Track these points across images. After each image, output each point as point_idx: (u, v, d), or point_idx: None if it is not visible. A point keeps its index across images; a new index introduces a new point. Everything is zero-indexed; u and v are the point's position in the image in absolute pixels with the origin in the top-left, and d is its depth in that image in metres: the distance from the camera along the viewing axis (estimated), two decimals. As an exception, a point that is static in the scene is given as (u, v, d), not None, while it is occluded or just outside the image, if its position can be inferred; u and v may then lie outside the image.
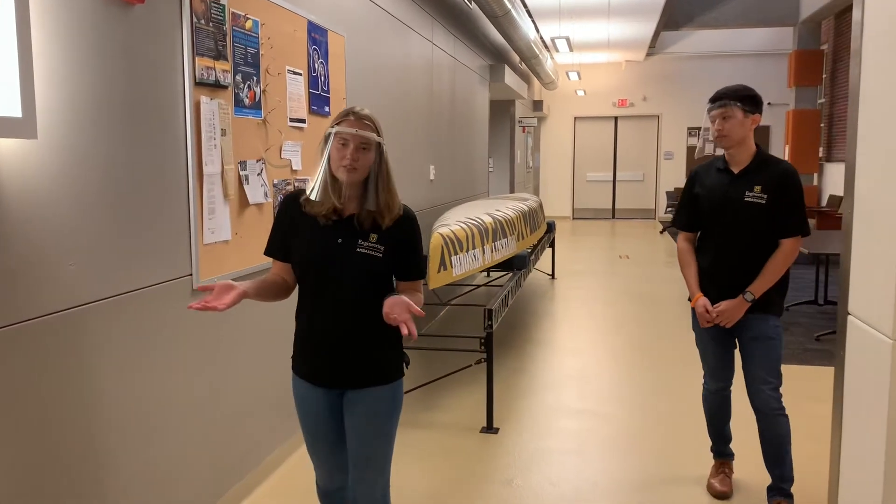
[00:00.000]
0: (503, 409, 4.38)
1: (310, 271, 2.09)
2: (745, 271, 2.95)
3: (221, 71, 2.96)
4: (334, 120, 2.09)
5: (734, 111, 2.94)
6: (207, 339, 2.96)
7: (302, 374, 2.18)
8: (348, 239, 2.08)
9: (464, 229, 4.58)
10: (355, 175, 2.04)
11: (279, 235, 2.17)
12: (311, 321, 2.12)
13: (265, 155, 3.35)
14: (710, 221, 3.06)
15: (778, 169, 2.95)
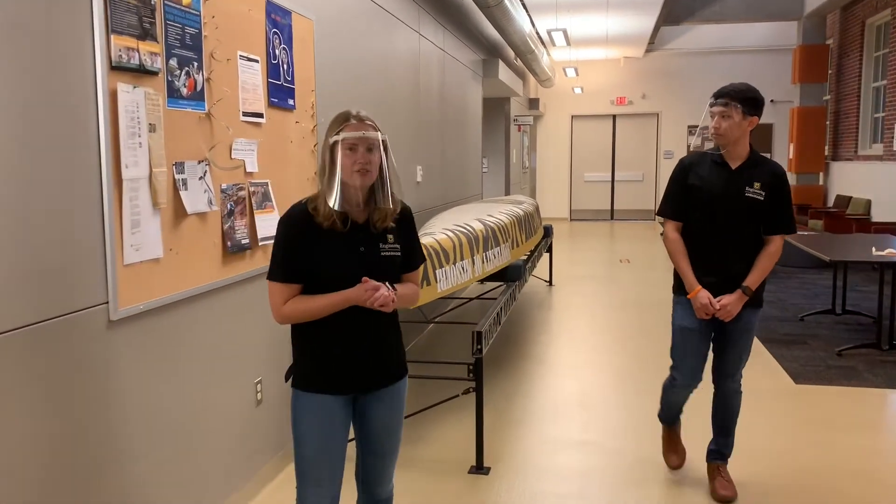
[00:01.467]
0: (495, 443, 3.86)
1: (339, 285, 2.05)
2: (737, 263, 3.05)
3: (148, 53, 2.43)
4: (334, 127, 2.09)
5: (734, 111, 3.02)
6: (131, 380, 2.44)
7: (323, 387, 2.12)
8: (369, 245, 2.11)
9: (450, 238, 4.06)
10: (369, 178, 2.06)
11: (293, 256, 2.07)
12: (337, 332, 2.10)
13: (210, 155, 2.83)
14: (707, 213, 3.08)
15: (772, 169, 3.08)
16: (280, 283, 2.08)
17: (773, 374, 5.04)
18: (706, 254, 3.10)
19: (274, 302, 2.09)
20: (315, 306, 2.06)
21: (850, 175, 11.85)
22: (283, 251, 2.08)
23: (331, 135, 2.08)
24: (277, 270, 2.08)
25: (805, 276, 9.05)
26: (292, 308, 2.07)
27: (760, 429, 4.05)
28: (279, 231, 2.10)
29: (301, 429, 2.13)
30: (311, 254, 2.06)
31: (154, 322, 2.53)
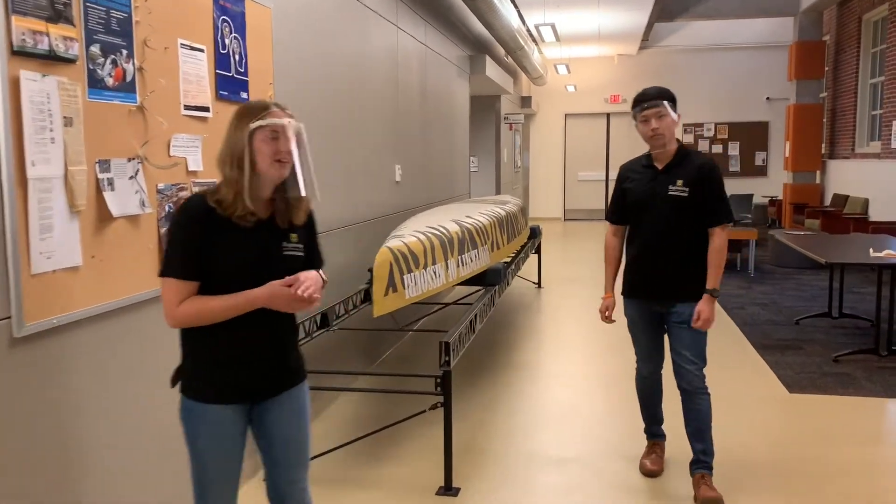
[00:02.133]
0: (467, 461, 3.61)
1: (244, 282, 1.91)
2: (669, 259, 3.16)
3: (61, 38, 2.18)
4: (251, 115, 1.93)
5: (667, 110, 3.09)
6: (40, 405, 2.18)
7: (219, 397, 1.96)
8: (273, 241, 1.99)
9: (421, 241, 3.80)
10: (286, 169, 1.95)
11: (192, 252, 1.90)
12: (235, 335, 1.95)
13: (143, 152, 2.57)
14: (637, 214, 3.25)
15: (698, 163, 3.15)
16: (176, 280, 1.90)
17: (765, 382, 4.79)
18: (641, 251, 3.24)
19: (168, 301, 1.90)
20: (215, 307, 1.89)
21: (848, 173, 11.62)
22: (181, 246, 1.91)
23: (246, 123, 1.92)
24: (173, 266, 1.90)
25: (801, 278, 8.80)
26: (189, 309, 1.89)
27: (751, 442, 3.80)
28: (175, 224, 1.94)
29: (200, 446, 1.98)
30: (211, 249, 1.91)
31: (72, 338, 2.28)
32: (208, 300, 1.90)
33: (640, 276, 3.25)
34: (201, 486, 2.01)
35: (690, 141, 15.99)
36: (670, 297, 3.19)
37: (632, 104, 3.20)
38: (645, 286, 3.24)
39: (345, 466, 3.54)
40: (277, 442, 2.08)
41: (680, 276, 3.16)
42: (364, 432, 3.77)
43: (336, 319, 4.10)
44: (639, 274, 3.26)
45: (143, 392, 2.64)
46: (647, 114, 3.09)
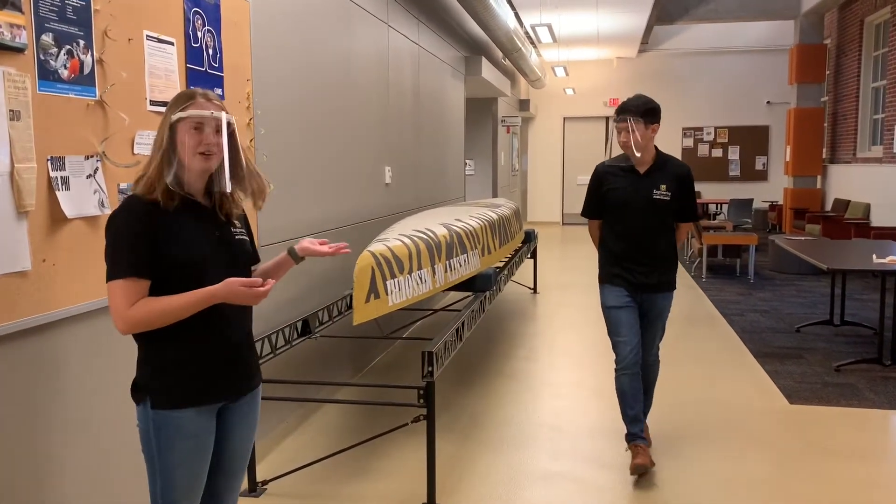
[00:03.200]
0: (453, 475, 3.45)
1: (199, 274, 1.83)
2: (651, 250, 3.48)
3: (6, 25, 2.02)
4: (177, 105, 1.86)
5: (637, 125, 3.36)
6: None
7: (193, 400, 1.86)
8: (222, 230, 1.94)
9: (406, 245, 3.65)
10: (212, 161, 1.87)
11: (143, 250, 1.78)
12: (207, 335, 1.87)
13: (102, 149, 2.42)
14: (621, 213, 3.48)
15: (677, 170, 3.48)
16: (125, 281, 1.75)
17: (765, 393, 4.63)
18: (627, 245, 3.48)
19: (117, 306, 1.76)
20: (174, 305, 1.77)
21: (849, 178, 11.47)
22: (128, 242, 1.77)
23: (172, 112, 1.85)
24: (122, 266, 1.76)
25: (801, 284, 8.64)
26: (142, 311, 1.76)
27: (749, 456, 3.64)
28: (116, 224, 1.80)
29: (171, 460, 1.85)
30: (161, 241, 1.80)
31: (19, 348, 2.12)
32: (164, 299, 1.78)
33: (624, 269, 3.49)
34: (168, 496, 1.88)
35: (690, 145, 15.86)
36: (651, 289, 3.49)
37: (615, 111, 3.53)
38: (628, 278, 3.48)
39: (324, 480, 3.37)
40: (230, 448, 2.01)
41: (661, 270, 3.49)
42: (345, 445, 3.61)
43: (318, 326, 3.95)
44: (621, 266, 3.50)
45: (101, 405, 2.48)
46: (618, 127, 3.45)
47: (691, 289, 8.39)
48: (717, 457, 3.65)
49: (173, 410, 1.84)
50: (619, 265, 3.49)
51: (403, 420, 3.48)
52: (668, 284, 3.52)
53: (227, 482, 2.04)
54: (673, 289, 3.54)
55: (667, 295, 3.53)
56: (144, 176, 1.83)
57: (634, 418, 3.47)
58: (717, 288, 8.40)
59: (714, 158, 15.86)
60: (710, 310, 7.18)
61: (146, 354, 1.87)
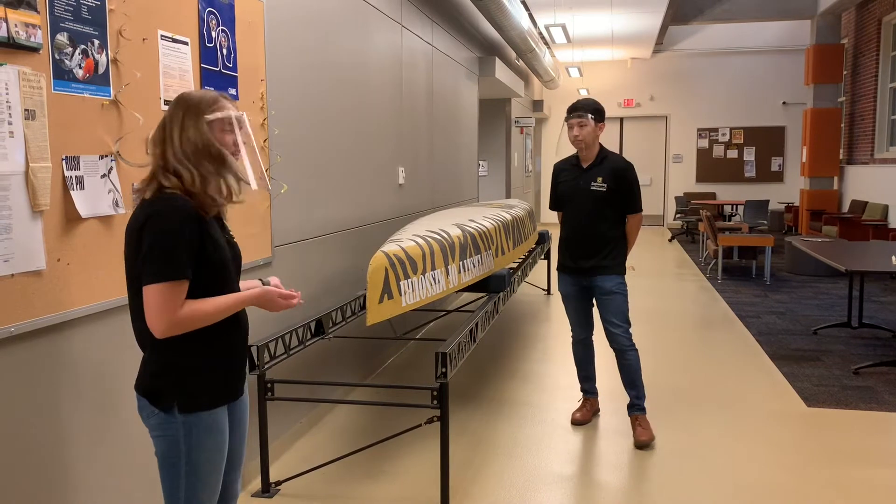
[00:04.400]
0: (466, 477, 3.43)
1: (228, 276, 1.90)
2: (590, 237, 3.87)
3: (22, 25, 2.03)
4: (202, 105, 1.86)
5: (588, 121, 3.79)
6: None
7: (224, 397, 1.92)
8: (227, 233, 1.99)
9: (419, 246, 3.63)
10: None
11: (191, 251, 1.80)
12: (234, 331, 1.94)
13: (117, 149, 2.42)
14: (567, 204, 3.98)
15: (615, 165, 3.87)
16: (178, 283, 1.77)
17: (781, 396, 4.58)
18: (571, 232, 3.95)
19: (168, 307, 1.75)
20: (218, 308, 1.83)
21: (866, 179, 11.35)
22: (184, 245, 1.77)
23: (203, 114, 1.85)
24: (176, 267, 1.76)
25: (819, 286, 8.55)
26: (190, 313, 1.79)
27: (765, 459, 3.59)
28: (170, 224, 1.76)
29: (202, 457, 1.88)
30: (205, 246, 1.84)
31: (34, 347, 2.12)
32: (207, 302, 1.82)
33: (569, 255, 3.96)
34: (195, 498, 1.89)
35: (705, 146, 15.75)
36: (594, 273, 3.87)
37: (566, 111, 3.89)
38: (573, 263, 3.94)
39: (337, 481, 3.36)
40: (235, 442, 2.07)
41: (601, 255, 3.86)
42: (358, 446, 3.61)
43: (332, 327, 3.94)
44: (568, 253, 3.97)
45: (116, 404, 2.48)
46: (570, 122, 3.83)
47: (707, 291, 8.32)
48: (733, 461, 3.61)
49: (204, 412, 1.86)
50: (567, 252, 3.98)
51: (417, 421, 3.46)
52: (607, 268, 3.87)
53: (231, 475, 2.10)
54: (616, 273, 3.88)
55: (610, 278, 3.86)
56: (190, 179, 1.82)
57: (585, 377, 4.20)
58: (732, 290, 8.33)
59: (729, 159, 15.75)
60: (725, 312, 7.12)
61: (168, 360, 1.85)
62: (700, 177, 15.90)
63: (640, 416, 3.92)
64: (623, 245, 3.93)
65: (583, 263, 3.89)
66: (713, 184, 15.90)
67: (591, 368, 4.19)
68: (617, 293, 3.86)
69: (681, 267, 10.22)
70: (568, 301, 4.05)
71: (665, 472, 3.48)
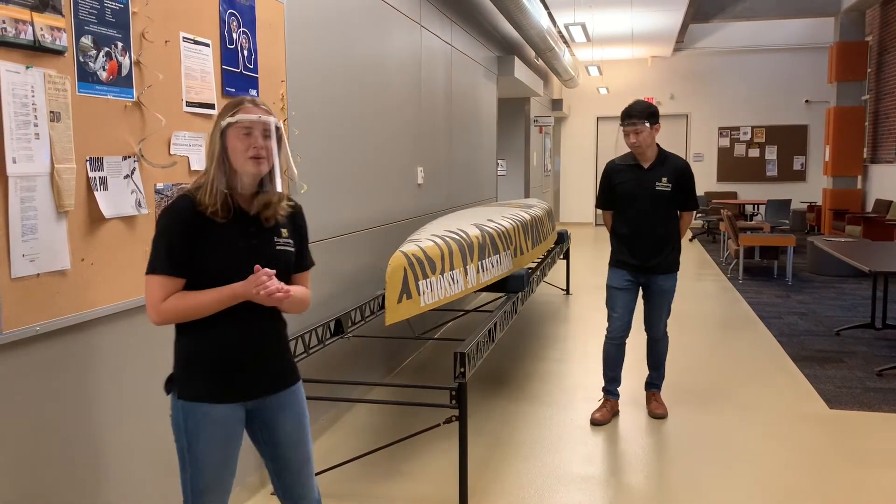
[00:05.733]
0: (486, 477, 3.43)
1: (228, 278, 1.89)
2: (654, 236, 3.99)
3: (48, 28, 2.06)
4: (226, 111, 1.93)
5: (643, 127, 3.87)
6: (22, 416, 2.06)
7: (216, 395, 1.93)
8: (262, 238, 1.98)
9: (438, 246, 3.64)
10: (264, 166, 1.92)
11: (178, 248, 1.88)
12: (229, 332, 1.93)
13: (139, 150, 2.45)
14: (628, 204, 4.02)
15: (677, 164, 4.00)
16: (161, 277, 1.87)
17: (803, 397, 4.54)
18: (632, 232, 4.01)
19: (152, 298, 1.88)
20: (199, 302, 1.87)
21: (891, 178, 11.20)
22: (167, 242, 1.88)
23: (223, 118, 1.93)
24: (160, 262, 1.88)
25: (842, 286, 8.46)
26: (173, 305, 1.87)
27: (787, 462, 3.56)
28: (161, 222, 1.91)
29: (199, 448, 1.93)
30: (198, 245, 1.89)
31: (59, 346, 2.15)
32: (192, 295, 1.88)
33: (630, 254, 4.03)
34: (195, 493, 1.96)
35: (726, 144, 15.62)
36: (656, 271, 4.01)
37: (620, 116, 3.98)
38: (634, 261, 4.02)
39: (356, 480, 3.38)
40: (279, 443, 2.07)
41: (664, 253, 3.99)
42: (377, 445, 3.62)
43: (351, 326, 3.96)
44: (629, 252, 4.03)
45: (140, 402, 2.51)
46: (626, 129, 3.92)
47: (728, 291, 8.26)
48: (755, 463, 3.58)
49: (202, 403, 1.92)
50: (627, 251, 4.03)
51: (435, 421, 3.47)
52: (668, 266, 4.02)
53: (291, 478, 2.10)
54: (675, 270, 4.05)
55: (669, 276, 4.03)
56: (204, 184, 1.92)
57: (612, 378, 4.20)
58: (754, 290, 8.26)
59: (751, 158, 15.61)
60: (747, 312, 7.06)
61: (176, 347, 1.97)
62: (721, 176, 15.77)
63: (656, 393, 4.28)
64: (679, 241, 4.10)
65: (647, 262, 3.99)
66: (734, 183, 15.77)
67: (620, 370, 4.21)
68: (672, 291, 4.08)
69: (702, 267, 10.15)
70: (618, 295, 4.09)
71: (685, 473, 3.47)
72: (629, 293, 4.07)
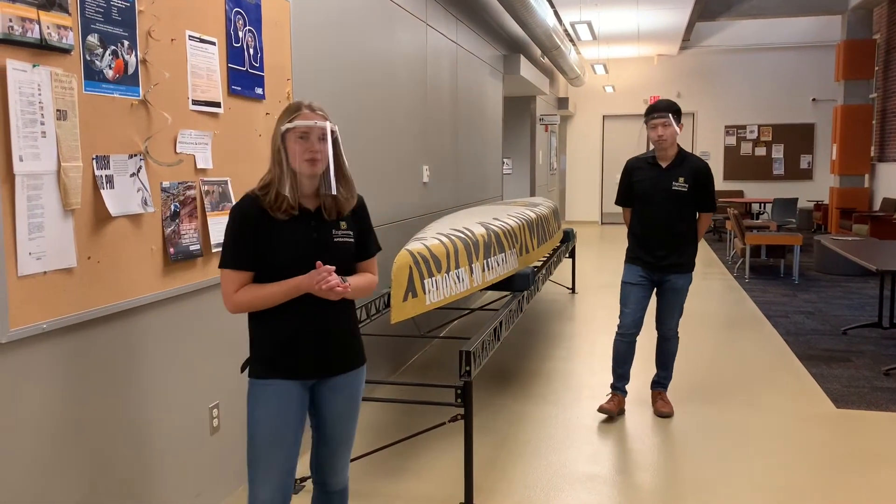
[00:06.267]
0: (491, 476, 3.43)
1: (293, 271, 2.07)
2: (669, 235, 4.01)
3: (54, 27, 2.06)
4: (285, 116, 2.09)
5: (671, 121, 3.89)
6: (29, 414, 2.06)
7: (279, 372, 2.11)
8: (322, 231, 2.14)
9: (443, 244, 3.64)
10: (318, 167, 2.08)
11: (244, 243, 2.07)
12: (293, 317, 2.10)
13: (145, 148, 2.45)
14: (645, 202, 4.06)
15: (695, 165, 4.02)
16: (230, 271, 2.07)
17: (810, 397, 4.52)
18: (647, 230, 4.05)
19: (225, 290, 2.08)
20: (266, 294, 2.06)
21: (898, 177, 11.16)
22: (234, 238, 2.07)
23: (282, 123, 2.08)
24: (228, 257, 2.08)
25: (849, 285, 8.43)
26: (243, 296, 2.07)
27: (794, 462, 3.55)
28: (230, 219, 2.09)
29: (255, 415, 2.11)
30: (263, 240, 2.07)
31: (65, 344, 2.16)
32: (260, 288, 2.06)
33: (646, 251, 4.06)
34: (253, 456, 2.12)
35: (733, 143, 15.58)
36: (670, 270, 4.03)
37: (645, 112, 4.01)
38: (649, 259, 4.04)
39: (362, 479, 3.38)
40: (327, 423, 2.22)
41: (678, 252, 4.01)
42: (382, 443, 3.62)
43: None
44: (644, 249, 4.06)
45: (146, 399, 2.51)
46: (655, 122, 3.91)
47: (734, 290, 8.24)
48: (761, 463, 3.57)
49: (259, 379, 2.11)
50: (643, 248, 4.06)
51: (441, 419, 3.47)
52: (683, 266, 4.03)
53: (326, 451, 2.25)
54: (689, 270, 4.07)
55: (683, 275, 4.04)
56: (268, 184, 2.08)
57: (621, 375, 4.20)
58: (760, 289, 8.24)
59: (757, 157, 15.56)
60: (753, 311, 7.04)
61: (248, 328, 2.17)
62: (727, 174, 15.73)
63: (662, 392, 4.28)
64: (695, 241, 4.09)
65: (661, 261, 4.02)
66: (741, 181, 15.72)
67: (629, 367, 4.21)
68: (685, 290, 4.08)
69: (708, 266, 10.12)
70: (631, 291, 4.09)
71: (692, 472, 3.46)
72: (643, 289, 4.08)
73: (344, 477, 2.32)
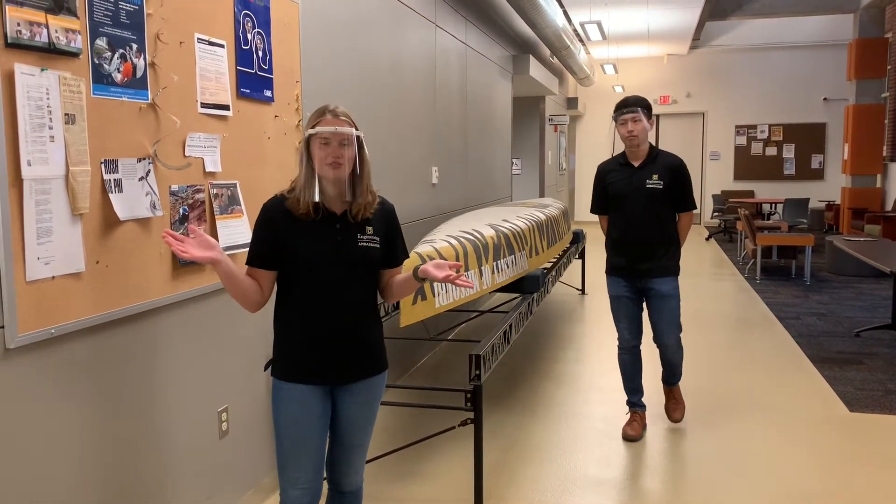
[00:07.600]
0: (501, 480, 3.41)
1: (316, 271, 2.13)
2: (648, 237, 3.78)
3: (62, 30, 2.05)
4: (311, 121, 2.14)
5: (641, 116, 3.73)
6: (37, 419, 2.06)
7: (300, 376, 2.16)
8: (347, 234, 2.16)
9: (453, 246, 3.62)
10: (341, 171, 2.12)
11: (266, 244, 2.15)
12: (312, 320, 2.15)
13: (154, 151, 2.44)
14: (619, 204, 3.84)
15: (669, 161, 3.84)
16: (249, 268, 2.15)
17: (823, 400, 4.48)
18: (624, 233, 3.82)
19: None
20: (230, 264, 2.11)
21: (911, 177, 11.06)
22: (255, 237, 2.16)
23: (308, 128, 2.13)
24: (249, 255, 2.17)
25: (861, 287, 8.36)
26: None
27: (806, 466, 3.51)
28: (257, 219, 2.17)
29: (280, 420, 2.17)
30: (284, 240, 2.12)
31: (73, 349, 2.15)
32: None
33: (624, 257, 3.83)
34: (281, 456, 2.18)
35: (743, 143, 15.51)
36: (651, 275, 3.78)
37: (614, 109, 3.83)
38: (628, 266, 3.81)
39: (371, 482, 3.36)
40: (343, 424, 2.25)
41: (657, 256, 3.77)
42: (391, 447, 3.60)
43: (366, 327, 3.94)
44: (622, 255, 3.83)
45: (154, 404, 2.50)
46: (625, 118, 3.73)
47: (745, 291, 8.18)
48: (774, 467, 3.53)
49: (282, 381, 2.16)
50: (622, 254, 3.83)
51: (450, 423, 3.44)
52: (664, 269, 3.78)
53: (340, 452, 2.29)
54: (672, 274, 3.80)
55: (666, 280, 3.78)
56: (295, 188, 2.14)
57: (633, 389, 4.01)
58: (771, 290, 8.18)
59: (768, 157, 15.48)
60: (764, 313, 6.99)
61: (273, 329, 2.22)
62: (738, 174, 15.65)
63: (674, 389, 4.10)
64: (677, 244, 3.84)
65: (639, 265, 3.77)
66: (751, 182, 15.64)
67: (640, 380, 4.00)
68: (672, 297, 3.79)
69: (718, 266, 10.06)
70: (619, 304, 3.89)
71: (704, 476, 3.43)
72: (630, 301, 3.87)
73: (358, 479, 2.35)
